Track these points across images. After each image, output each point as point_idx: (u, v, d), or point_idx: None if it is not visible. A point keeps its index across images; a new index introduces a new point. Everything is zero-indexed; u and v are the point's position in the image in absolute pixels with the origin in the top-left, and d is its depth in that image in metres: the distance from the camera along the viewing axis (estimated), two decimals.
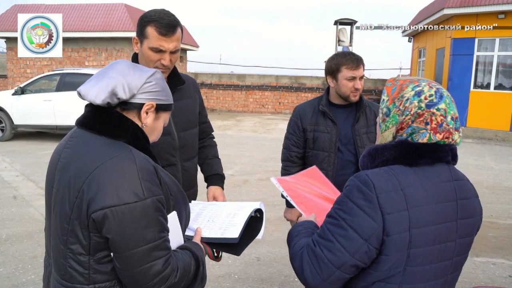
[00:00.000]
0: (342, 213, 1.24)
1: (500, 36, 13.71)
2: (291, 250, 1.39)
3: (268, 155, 9.90)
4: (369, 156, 1.34)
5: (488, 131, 13.84)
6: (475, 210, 1.38)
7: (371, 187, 1.21)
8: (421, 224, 1.22)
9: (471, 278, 4.18)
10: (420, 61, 19.41)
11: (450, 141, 1.31)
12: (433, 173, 1.29)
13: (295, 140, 2.86)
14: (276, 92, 20.29)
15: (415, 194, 1.23)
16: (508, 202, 6.83)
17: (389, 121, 1.34)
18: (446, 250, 1.29)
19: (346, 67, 2.63)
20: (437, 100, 1.29)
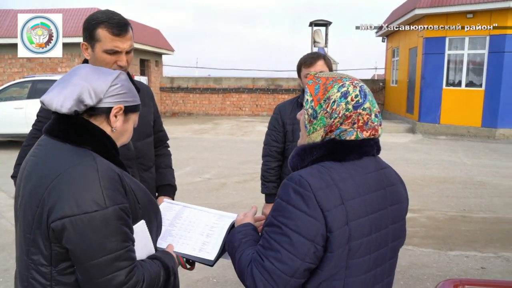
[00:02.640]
0: (283, 219, 1.22)
1: (469, 35, 14.03)
2: (237, 265, 1.34)
3: (245, 157, 9.90)
4: (298, 156, 1.34)
5: (460, 127, 14.13)
6: (402, 195, 1.42)
7: (307, 186, 1.21)
8: (357, 216, 1.24)
9: (446, 272, 4.26)
10: (394, 60, 19.70)
11: (377, 136, 1.34)
12: (361, 165, 1.31)
13: (275, 135, 2.97)
14: (253, 95, 20.33)
15: (348, 188, 1.25)
16: (480, 196, 6.99)
17: (316, 123, 1.32)
18: (382, 237, 1.32)
19: (304, 65, 2.81)
20: (362, 100, 1.30)
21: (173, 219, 1.78)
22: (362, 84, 1.35)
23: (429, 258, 4.59)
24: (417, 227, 5.47)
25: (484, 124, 13.79)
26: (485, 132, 13.72)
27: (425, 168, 9.13)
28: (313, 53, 2.89)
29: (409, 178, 8.01)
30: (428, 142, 13.10)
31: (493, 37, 13.55)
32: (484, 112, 13.80)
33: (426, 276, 4.16)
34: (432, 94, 14.65)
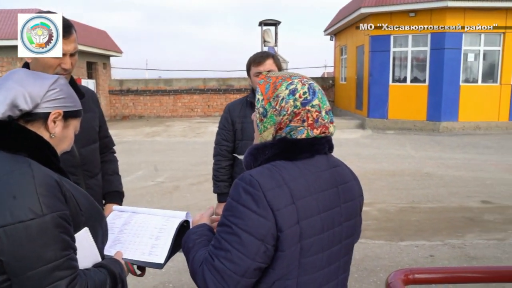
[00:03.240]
0: (234, 219, 1.22)
1: (412, 33, 14.59)
2: (190, 265, 1.33)
3: (199, 159, 9.82)
4: (251, 156, 1.34)
5: (407, 121, 14.66)
6: (355, 192, 1.43)
7: (257, 186, 1.21)
8: (308, 214, 1.25)
9: (397, 262, 4.40)
10: (342, 58, 20.16)
11: (326, 134, 1.35)
12: (313, 164, 1.32)
13: (225, 134, 2.98)
14: (205, 95, 20.22)
15: (299, 187, 1.25)
16: (427, 187, 7.28)
17: (267, 121, 1.33)
18: (335, 235, 1.33)
19: (253, 64, 2.82)
20: (311, 97, 1.31)
21: (122, 226, 1.75)
22: (311, 82, 1.36)
23: (382, 250, 4.72)
24: (369, 220, 5.62)
25: (429, 118, 14.39)
26: (430, 126, 14.30)
27: (375, 162, 9.40)
28: (262, 52, 2.92)
29: (361, 173, 8.19)
30: (377, 137, 13.50)
31: (434, 34, 14.16)
32: (428, 107, 14.40)
33: (379, 268, 4.28)
34: (379, 90, 15.12)
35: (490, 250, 4.73)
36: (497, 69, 14.43)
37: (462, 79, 14.28)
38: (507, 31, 14.10)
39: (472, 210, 6.11)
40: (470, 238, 5.07)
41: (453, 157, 10.00)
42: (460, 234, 5.19)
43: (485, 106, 14.32)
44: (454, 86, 14.14)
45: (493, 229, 5.36)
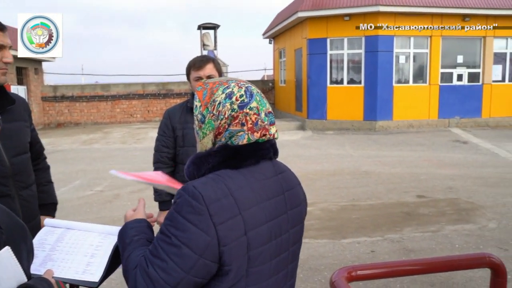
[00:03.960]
0: (174, 230, 1.18)
1: (348, 36, 15.08)
2: (125, 263, 1.29)
3: (139, 165, 9.56)
4: (194, 165, 1.31)
5: (345, 122, 15.12)
6: (300, 197, 1.44)
7: (200, 199, 1.18)
8: (256, 224, 1.23)
9: (340, 260, 4.50)
10: (281, 61, 20.47)
11: (269, 137, 1.33)
12: (259, 171, 1.31)
13: (165, 141, 2.90)
14: (144, 100, 19.79)
15: (245, 196, 1.23)
16: (366, 185, 7.53)
17: (205, 127, 1.31)
18: (283, 242, 1.33)
19: (193, 68, 2.77)
20: (248, 99, 1.30)
21: (55, 243, 1.64)
22: (249, 85, 1.35)
23: (325, 249, 4.82)
24: (312, 220, 5.72)
25: (365, 118, 14.92)
26: (367, 125, 14.84)
27: (316, 162, 9.60)
28: (202, 56, 2.87)
29: (302, 174, 8.35)
30: (317, 137, 13.81)
31: (368, 37, 14.73)
32: (365, 107, 14.93)
33: (323, 266, 4.36)
34: (318, 92, 15.49)
35: (426, 242, 4.96)
36: (426, 70, 15.24)
37: (395, 80, 14.96)
38: (433, 34, 14.94)
39: (409, 205, 6.39)
40: (408, 231, 5.30)
41: (389, 154, 10.43)
42: (399, 228, 5.41)
43: (417, 105, 15.08)
44: (388, 87, 14.79)
45: (428, 222, 5.63)
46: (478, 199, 6.63)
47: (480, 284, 3.89)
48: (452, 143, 12.16)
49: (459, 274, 3.97)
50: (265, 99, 1.36)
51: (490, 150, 10.99)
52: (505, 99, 15.74)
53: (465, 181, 7.73)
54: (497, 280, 2.18)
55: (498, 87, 15.72)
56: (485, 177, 8.09)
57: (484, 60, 15.52)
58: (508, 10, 15.05)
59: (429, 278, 3.97)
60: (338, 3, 14.72)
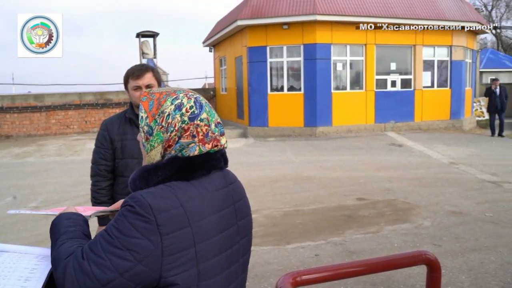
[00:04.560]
0: (117, 232, 1.15)
1: (287, 44, 15.38)
2: (55, 252, 1.23)
3: (77, 178, 9.19)
4: (141, 179, 1.25)
5: (287, 128, 15.36)
6: (248, 208, 1.45)
7: (148, 209, 1.14)
8: (206, 237, 1.22)
9: (285, 265, 4.53)
10: (222, 69, 20.49)
11: (219, 147, 1.32)
12: (210, 182, 1.29)
13: (103, 153, 2.81)
14: (81, 111, 19.06)
15: (196, 208, 1.21)
16: (308, 190, 7.67)
17: (153, 140, 1.26)
18: (233, 254, 1.32)
19: (132, 77, 2.70)
20: (198, 111, 1.28)
21: None
22: (197, 95, 1.33)
23: (270, 255, 4.84)
24: (256, 227, 5.73)
25: (306, 124, 15.24)
26: (307, 131, 15.15)
27: (259, 169, 9.66)
28: (141, 65, 2.80)
29: (246, 181, 8.36)
30: (259, 144, 13.91)
31: (306, 45, 15.09)
32: (305, 113, 15.25)
33: (269, 273, 4.37)
34: (259, 100, 15.64)
35: (367, 243, 5.12)
36: (362, 77, 15.83)
37: (333, 86, 15.42)
38: (368, 42, 15.57)
39: (350, 207, 6.57)
40: (349, 234, 5.44)
41: (329, 159, 10.70)
42: (341, 231, 5.55)
43: (354, 111, 15.62)
44: (327, 94, 15.20)
45: (368, 224, 5.81)
46: (414, 199, 6.95)
47: (418, 280, 4.06)
48: (389, 147, 12.69)
49: (399, 272, 4.13)
50: (213, 110, 1.34)
51: (423, 152, 11.57)
52: (434, 103, 16.70)
53: (401, 183, 8.08)
54: (433, 275, 2.29)
55: (428, 92, 16.63)
56: (419, 178, 8.50)
57: (415, 67, 16.38)
58: (434, 20, 16.00)
59: (371, 278, 4.09)
60: (277, 12, 14.98)
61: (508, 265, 4.47)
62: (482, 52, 30.80)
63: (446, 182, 8.15)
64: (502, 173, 8.86)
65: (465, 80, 17.97)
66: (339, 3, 15.07)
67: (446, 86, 17.13)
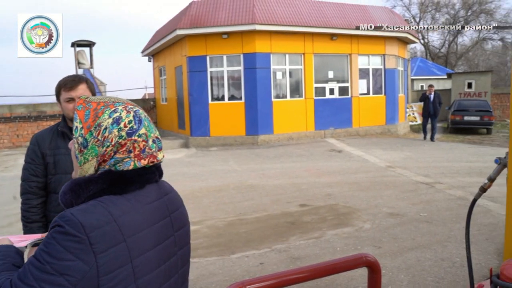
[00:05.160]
0: (48, 257, 1.08)
1: (227, 54, 15.42)
2: None
3: (7, 197, 8.65)
4: (72, 192, 1.19)
5: (228, 137, 15.35)
6: (185, 218, 1.41)
7: (79, 227, 1.08)
8: (142, 251, 1.17)
9: (230, 275, 4.49)
10: (162, 79, 20.19)
11: (156, 163, 1.29)
12: (144, 195, 1.25)
13: (34, 169, 2.65)
14: (12, 124, 18.04)
15: (130, 222, 1.16)
16: (252, 198, 7.67)
17: (87, 153, 1.20)
18: (171, 266, 1.29)
19: (64, 88, 2.59)
20: (137, 126, 1.23)
21: None
22: (137, 108, 1.27)
23: (215, 266, 4.78)
24: (200, 238, 5.65)
25: (248, 133, 15.30)
26: (249, 140, 15.22)
27: (201, 180, 9.56)
28: (74, 76, 2.67)
29: (188, 192, 8.26)
30: (201, 154, 13.80)
31: (246, 55, 15.20)
32: (246, 122, 15.32)
33: (214, 284, 4.31)
34: (200, 109, 15.54)
35: (310, 248, 5.19)
36: (301, 85, 16.16)
37: (273, 95, 15.61)
38: (306, 52, 15.95)
39: (293, 214, 6.64)
40: (293, 240, 5.49)
41: (272, 167, 10.79)
42: (285, 238, 5.58)
43: (295, 118, 15.89)
44: (267, 102, 15.37)
45: (311, 229, 5.89)
46: (354, 203, 7.14)
47: (360, 282, 4.16)
48: (329, 153, 13.00)
49: (341, 275, 4.20)
50: (152, 124, 1.30)
51: (361, 157, 11.96)
52: (370, 110, 17.37)
53: (342, 187, 8.29)
54: (373, 276, 2.34)
55: (364, 99, 17.27)
56: (359, 182, 8.76)
57: (351, 75, 16.97)
58: (368, 31, 16.67)
59: (315, 283, 4.14)
60: (216, 21, 15.00)
61: (441, 261, 4.69)
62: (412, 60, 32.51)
63: (383, 185, 8.45)
64: (434, 175, 9.33)
65: (398, 87, 18.86)
66: (278, 13, 15.34)
67: (381, 93, 17.87)
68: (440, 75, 33.49)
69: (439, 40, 46.17)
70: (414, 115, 22.87)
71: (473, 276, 2.44)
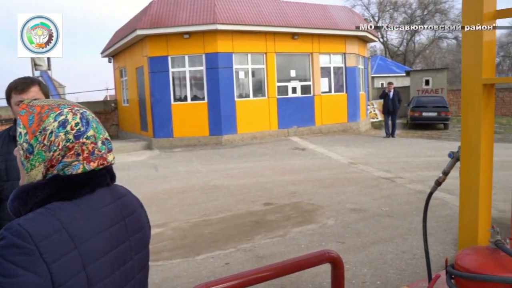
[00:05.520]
0: None
1: (188, 54, 15.29)
2: None
3: None
4: (19, 200, 1.14)
5: (192, 138, 15.23)
6: (142, 221, 1.38)
7: (27, 238, 1.03)
8: (95, 257, 1.14)
9: (196, 277, 4.45)
10: (123, 80, 19.82)
11: (106, 165, 1.25)
12: (95, 199, 1.21)
13: None
14: None
15: (81, 228, 1.13)
16: (216, 199, 7.64)
17: (34, 159, 1.15)
18: (127, 271, 1.25)
19: (15, 91, 2.49)
20: (84, 128, 1.19)
21: None
22: (84, 110, 1.22)
23: (180, 268, 4.72)
24: (164, 241, 5.57)
25: (211, 133, 15.23)
26: (213, 140, 15.16)
27: (165, 181, 9.44)
28: (25, 78, 2.56)
29: (152, 194, 8.14)
30: (165, 156, 13.63)
31: (208, 55, 15.12)
32: (210, 122, 15.25)
33: (179, 287, 4.26)
34: (162, 110, 15.35)
35: (275, 247, 5.21)
36: (264, 84, 16.23)
37: (236, 95, 15.60)
38: (268, 51, 16.02)
39: (257, 213, 6.65)
40: (258, 239, 5.50)
41: (236, 167, 10.78)
42: (250, 237, 5.58)
43: (258, 118, 15.94)
44: (230, 102, 15.35)
45: (276, 228, 5.92)
46: (318, 200, 7.23)
47: (324, 278, 4.21)
48: (292, 151, 13.11)
49: (306, 272, 4.24)
50: (101, 125, 1.25)
51: (324, 154, 12.12)
52: (333, 108, 17.64)
53: (306, 185, 8.37)
54: (336, 271, 2.38)
55: (326, 97, 17.51)
56: (322, 179, 8.87)
57: (313, 74, 17.17)
58: (329, 30, 16.94)
59: (281, 281, 4.16)
60: (177, 21, 14.85)
61: (403, 254, 4.81)
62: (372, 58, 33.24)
63: (346, 181, 8.60)
64: (394, 170, 9.57)
65: (359, 85, 19.22)
66: (239, 12, 15.34)
67: (342, 91, 18.17)
68: (399, 72, 34.41)
69: (397, 39, 47.43)
70: (375, 112, 23.40)
71: (431, 266, 2.50)
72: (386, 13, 43.62)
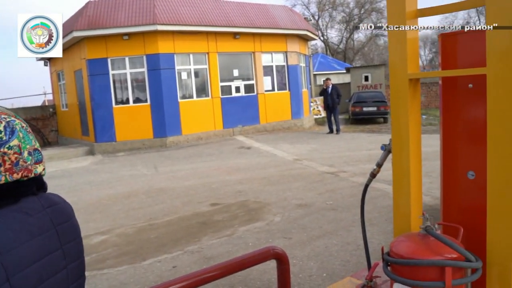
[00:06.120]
0: None
1: (129, 55, 14.94)
2: None
3: None
4: None
5: (136, 141, 14.91)
6: (76, 230, 1.34)
7: None
8: (21, 267, 1.10)
9: (142, 283, 4.37)
10: (61, 84, 19.07)
11: (31, 177, 1.21)
12: (20, 210, 1.17)
13: None
14: None
15: (4, 239, 1.08)
16: (162, 202, 7.52)
17: None
18: (58, 281, 1.21)
19: None
20: (7, 137, 1.15)
21: None
22: (12, 118, 1.17)
23: (126, 275, 4.61)
24: (109, 248, 5.42)
25: (156, 135, 14.98)
26: (158, 142, 14.91)
27: (109, 187, 9.18)
28: None
29: (95, 200, 7.90)
30: (108, 161, 13.25)
31: (149, 56, 14.85)
32: (153, 124, 14.99)
33: None
34: (104, 114, 14.92)
35: (223, 247, 5.21)
36: (207, 84, 16.16)
37: (179, 96, 15.43)
38: (210, 51, 15.97)
39: (204, 214, 6.62)
40: (205, 240, 5.48)
41: (182, 168, 10.67)
42: (197, 239, 5.55)
43: (203, 118, 15.86)
44: (174, 103, 15.16)
45: (223, 227, 5.92)
46: (264, 197, 7.30)
47: (272, 274, 4.25)
48: (238, 150, 13.15)
49: (254, 269, 4.27)
50: (31, 135, 1.20)
51: (270, 152, 12.26)
52: (276, 106, 17.86)
53: (252, 183, 8.43)
54: (282, 267, 2.43)
55: (270, 96, 17.70)
56: (268, 177, 8.97)
57: (256, 73, 17.29)
58: (270, 29, 17.13)
59: (229, 280, 4.17)
60: (116, 22, 14.46)
61: (347, 245, 4.96)
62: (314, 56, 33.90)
63: (292, 178, 8.74)
64: (338, 164, 9.83)
65: (301, 82, 19.58)
66: (180, 13, 15.17)
67: (285, 89, 18.43)
68: (340, 69, 35.33)
69: (337, 37, 48.71)
70: (318, 109, 23.93)
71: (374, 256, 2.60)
72: (326, 12, 44.72)
